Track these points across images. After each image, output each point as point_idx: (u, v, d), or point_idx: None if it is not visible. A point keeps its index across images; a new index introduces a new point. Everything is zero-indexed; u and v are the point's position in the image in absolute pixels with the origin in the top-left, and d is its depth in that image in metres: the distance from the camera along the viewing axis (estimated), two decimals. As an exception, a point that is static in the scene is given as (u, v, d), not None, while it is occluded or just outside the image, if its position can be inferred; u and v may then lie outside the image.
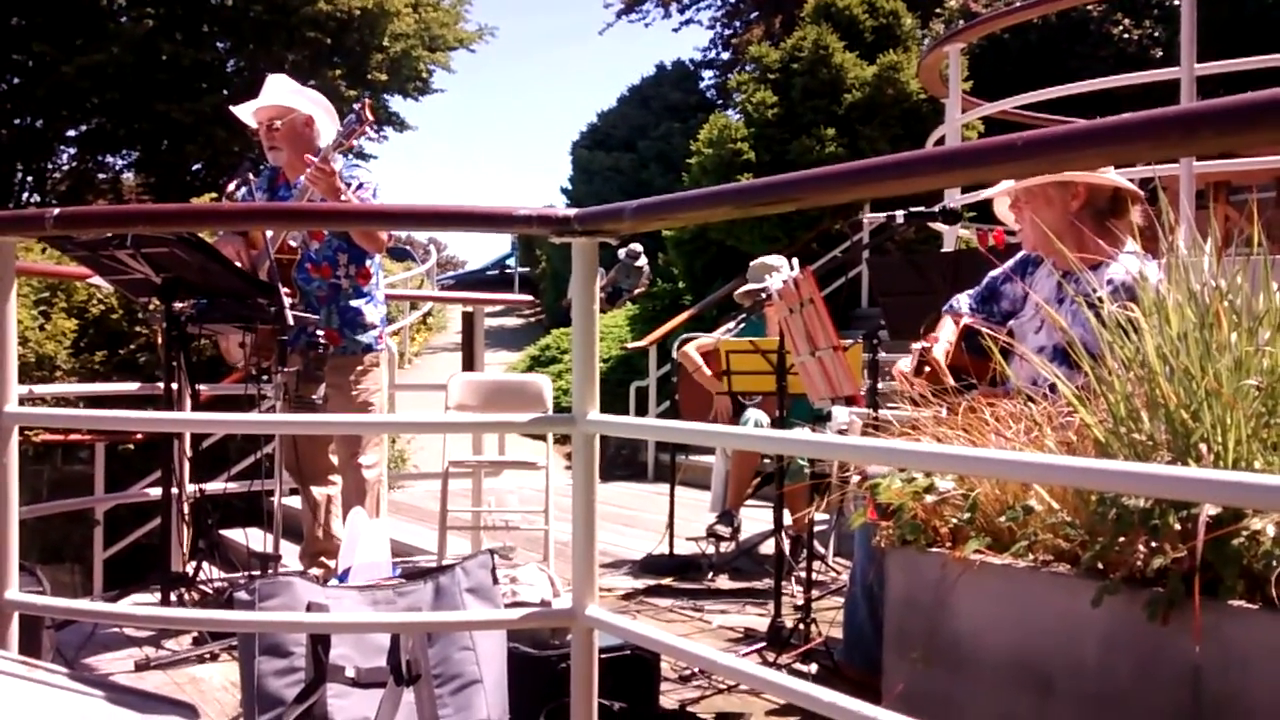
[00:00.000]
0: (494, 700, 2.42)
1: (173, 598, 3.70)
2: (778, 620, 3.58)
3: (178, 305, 3.68)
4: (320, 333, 3.76)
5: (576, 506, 2.25)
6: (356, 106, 3.93)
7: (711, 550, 5.14)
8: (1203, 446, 1.59)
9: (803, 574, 4.35)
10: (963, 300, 3.14)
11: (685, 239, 10.45)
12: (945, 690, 1.89)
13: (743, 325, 5.19)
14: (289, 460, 4.28)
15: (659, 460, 8.56)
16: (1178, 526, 1.57)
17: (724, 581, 4.85)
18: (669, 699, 3.13)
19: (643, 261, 13.46)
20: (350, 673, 2.43)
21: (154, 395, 4.36)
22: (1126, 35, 10.56)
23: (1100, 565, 1.71)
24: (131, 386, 4.72)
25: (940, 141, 6.18)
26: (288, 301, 3.51)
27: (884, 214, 3.25)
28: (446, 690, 2.42)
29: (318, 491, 4.29)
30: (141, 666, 3.28)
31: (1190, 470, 1.30)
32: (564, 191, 17.14)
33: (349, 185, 4.06)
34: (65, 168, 18.42)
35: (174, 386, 3.75)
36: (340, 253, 4.14)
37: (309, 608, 2.45)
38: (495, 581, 2.61)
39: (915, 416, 2.13)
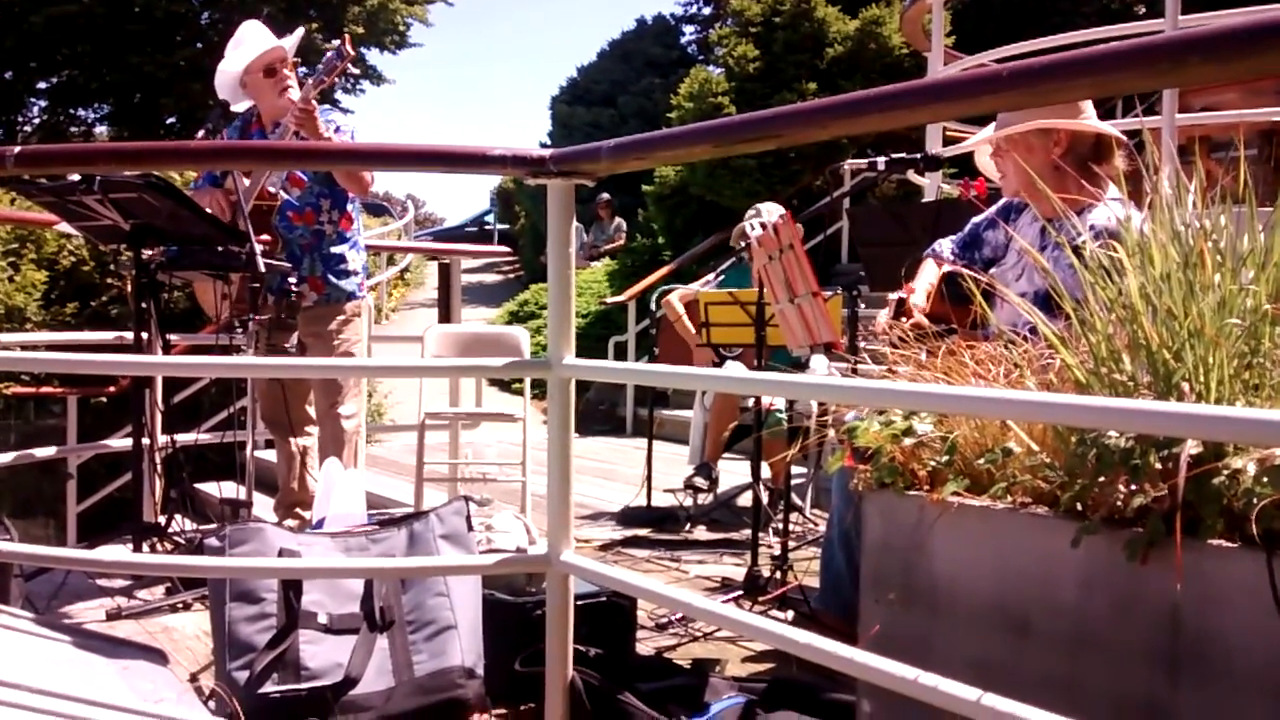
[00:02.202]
0: (468, 646, 2.40)
1: (145, 548, 3.67)
2: (754, 569, 3.58)
3: (147, 253, 3.62)
4: (293, 280, 3.71)
5: (552, 452, 2.22)
6: (336, 43, 3.87)
7: (689, 502, 5.14)
8: (1185, 386, 1.57)
9: (780, 525, 4.37)
10: (944, 245, 3.11)
11: (665, 194, 10.38)
12: (921, 632, 1.88)
13: (723, 277, 5.16)
14: (266, 410, 4.24)
15: (637, 414, 8.55)
16: (1158, 466, 1.55)
17: (701, 533, 4.86)
18: (645, 645, 3.12)
19: (619, 220, 13.42)
20: (323, 619, 2.41)
21: (125, 346, 4.30)
22: (1113, 6, 10.51)
23: (1079, 506, 1.69)
24: (102, 335, 4.65)
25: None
26: (259, 249, 3.45)
27: (865, 160, 3.20)
28: (420, 636, 2.40)
29: (294, 442, 4.25)
30: (113, 616, 3.24)
31: (1171, 405, 1.28)
32: (542, 147, 17.01)
33: (328, 128, 4.00)
34: (36, 121, 18.11)
35: (144, 335, 3.70)
36: (322, 198, 4.09)
37: (280, 554, 2.42)
38: (470, 528, 2.58)
39: (894, 359, 2.11)
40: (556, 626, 2.25)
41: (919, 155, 3.14)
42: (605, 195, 13.50)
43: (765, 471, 4.50)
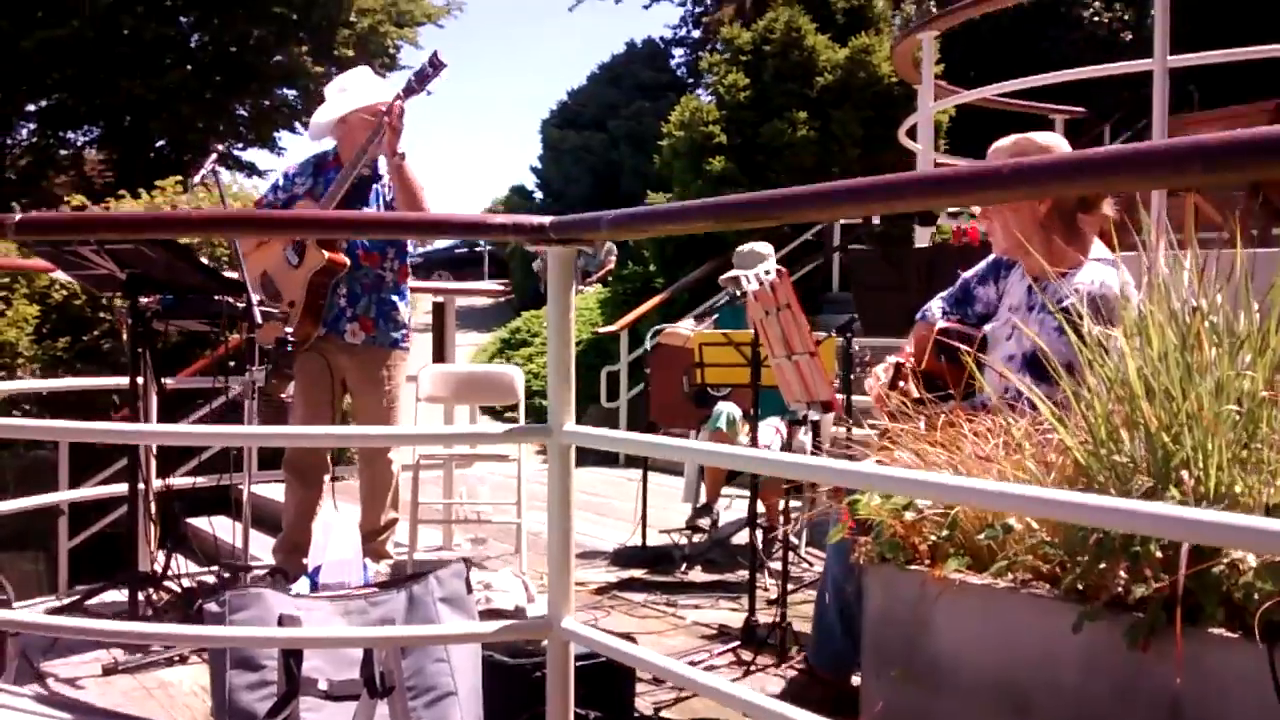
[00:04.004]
0: (469, 712, 2.40)
1: (140, 597, 3.67)
2: (752, 620, 3.58)
3: (143, 300, 3.63)
4: (349, 327, 3.83)
5: (552, 516, 2.22)
6: (430, 56, 3.98)
7: (684, 541, 5.15)
8: (1184, 472, 1.59)
9: (776, 565, 4.38)
10: (935, 306, 3.11)
11: (656, 221, 10.42)
12: (924, 709, 1.89)
13: (717, 316, 5.18)
14: (293, 456, 4.26)
15: (630, 444, 8.56)
16: (1158, 554, 1.56)
17: (697, 574, 4.85)
18: (644, 700, 3.12)
19: (609, 244, 13.45)
20: (323, 685, 2.40)
21: (120, 390, 4.30)
22: (1097, 18, 10.58)
23: (1080, 588, 1.71)
24: (97, 381, 4.65)
25: (912, 130, 6.17)
26: (255, 298, 3.46)
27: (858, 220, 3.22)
28: (421, 703, 2.39)
29: (309, 489, 4.28)
30: (109, 670, 3.23)
31: (1169, 508, 1.29)
32: (534, 170, 17.06)
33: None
34: (25, 143, 18.09)
35: (139, 381, 3.70)
36: (389, 245, 4.17)
37: (280, 620, 2.41)
38: (470, 590, 2.58)
39: (893, 430, 2.12)
40: (557, 693, 2.24)
41: (914, 213, 3.16)
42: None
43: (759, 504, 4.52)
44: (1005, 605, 1.79)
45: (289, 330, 3.70)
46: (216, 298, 3.53)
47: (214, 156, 3.89)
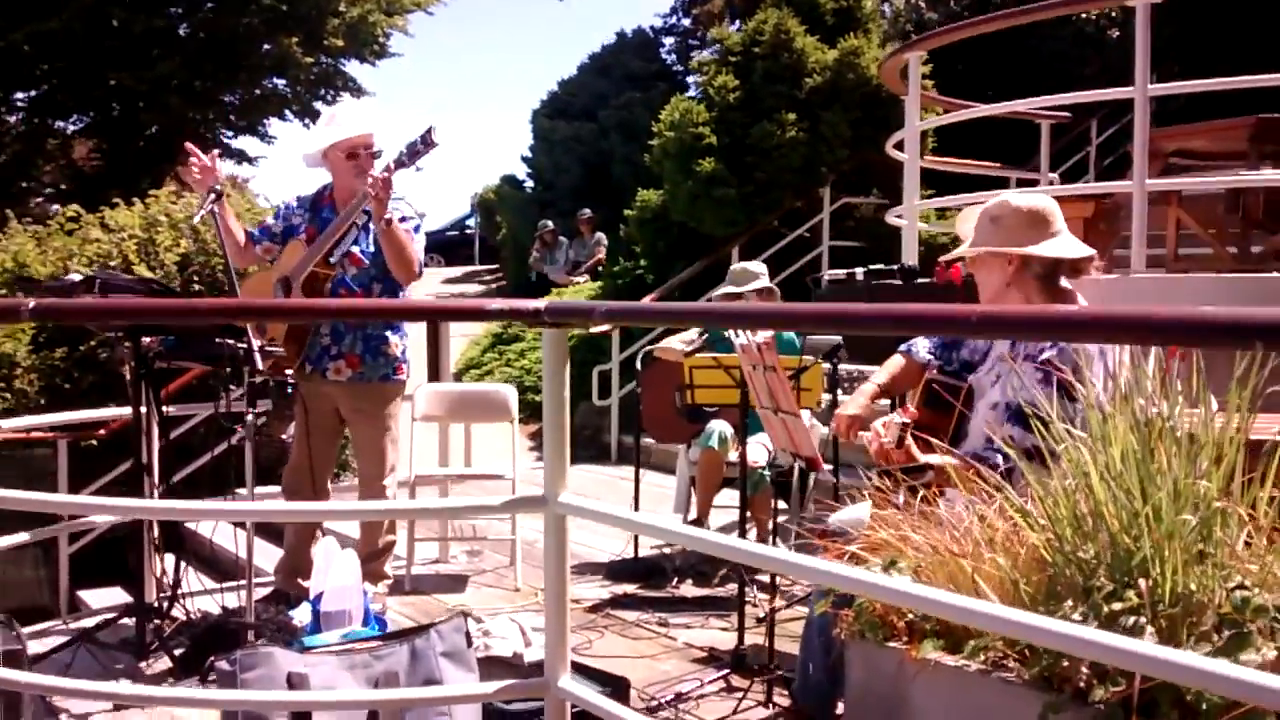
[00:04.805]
0: (471, 764, 2.51)
1: (148, 630, 3.79)
2: (741, 649, 3.71)
3: (145, 340, 3.72)
4: (332, 365, 3.92)
5: (549, 581, 2.34)
6: (424, 131, 4.05)
7: (675, 553, 5.27)
8: (1142, 580, 1.70)
9: (764, 579, 4.51)
10: (921, 344, 3.21)
11: (648, 218, 10.47)
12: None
13: (707, 335, 5.27)
14: (289, 481, 4.35)
15: (622, 442, 8.68)
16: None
17: (688, 588, 4.98)
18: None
19: (599, 235, 13.50)
20: (331, 741, 2.52)
21: (124, 422, 4.38)
22: (1084, 15, 10.64)
23: (1047, 676, 1.82)
24: (101, 414, 4.76)
25: (899, 145, 6.25)
26: (258, 343, 3.55)
27: (844, 270, 3.32)
28: (425, 756, 2.51)
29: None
30: (120, 706, 3.35)
31: (1123, 640, 1.40)
32: (524, 159, 17.04)
33: (393, 216, 4.14)
34: (14, 131, 18.02)
35: (143, 411, 3.80)
36: (376, 281, 4.23)
37: (289, 678, 2.53)
38: (470, 644, 2.69)
39: (878, 503, 2.23)
40: (555, 750, 2.36)
41: (896, 267, 3.26)
42: (587, 211, 13.59)
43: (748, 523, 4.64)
44: (977, 688, 1.91)
45: (289, 372, 3.79)
46: (218, 340, 3.62)
47: (213, 196, 3.96)
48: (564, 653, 2.35)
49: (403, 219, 4.14)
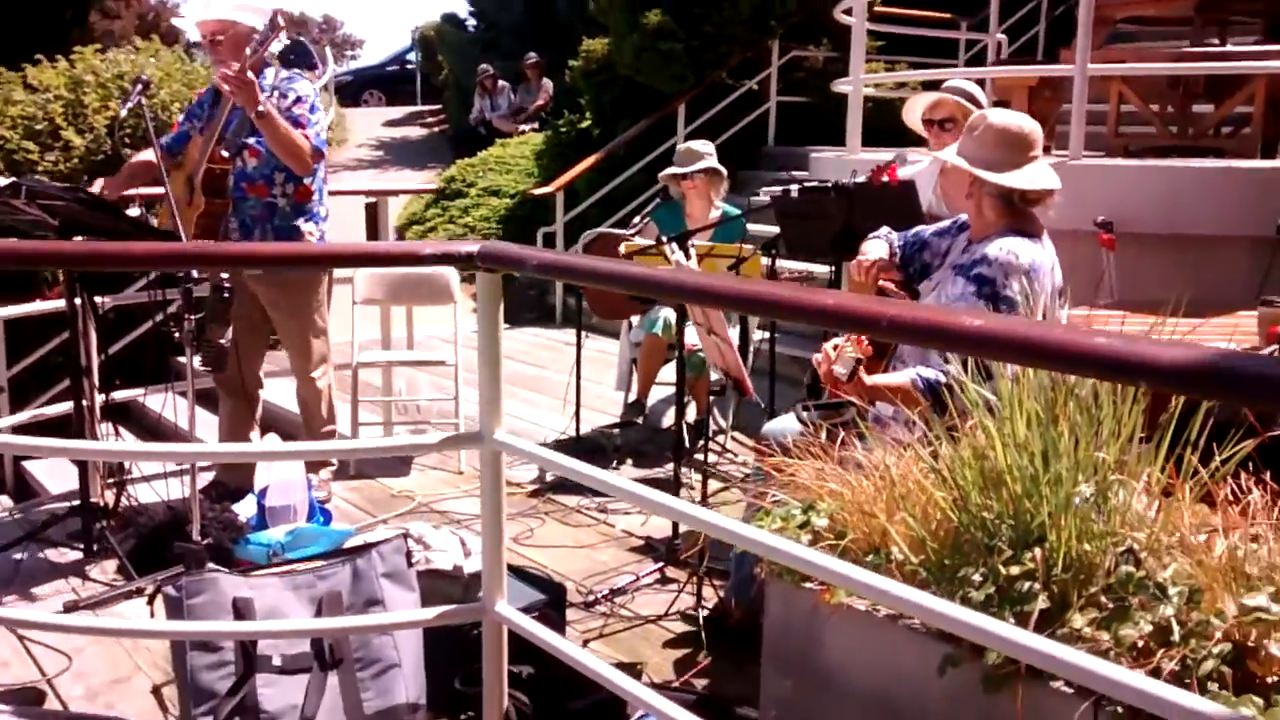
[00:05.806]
0: (412, 683, 2.64)
1: (95, 529, 3.85)
2: (675, 541, 3.85)
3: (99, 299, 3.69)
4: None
5: (486, 518, 2.42)
6: (269, 18, 3.87)
7: (617, 432, 5.40)
8: (1038, 550, 1.81)
9: (701, 457, 4.66)
10: (894, 236, 3.20)
11: (593, 69, 10.25)
12: (816, 713, 2.15)
13: (650, 219, 5.26)
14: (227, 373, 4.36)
15: (567, 304, 8.71)
16: (1010, 619, 1.80)
17: (629, 468, 5.11)
18: (575, 629, 3.40)
19: (546, 81, 13.20)
20: (276, 661, 2.62)
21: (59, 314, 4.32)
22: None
23: (948, 627, 1.95)
24: (38, 307, 4.71)
25: (849, 11, 6.14)
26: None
27: (778, 187, 3.33)
28: (368, 675, 2.63)
29: (238, 399, 4.42)
30: (70, 608, 3.43)
31: (1010, 629, 1.51)
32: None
33: (285, 97, 4.00)
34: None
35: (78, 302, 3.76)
36: (277, 171, 4.10)
37: (234, 602, 2.62)
38: (410, 564, 2.79)
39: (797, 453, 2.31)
40: (492, 669, 2.49)
41: (830, 183, 3.27)
42: (534, 56, 13.23)
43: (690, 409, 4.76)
44: (885, 633, 2.03)
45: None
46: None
47: (140, 87, 3.84)
48: (500, 580, 2.45)
49: (296, 100, 4.01)
